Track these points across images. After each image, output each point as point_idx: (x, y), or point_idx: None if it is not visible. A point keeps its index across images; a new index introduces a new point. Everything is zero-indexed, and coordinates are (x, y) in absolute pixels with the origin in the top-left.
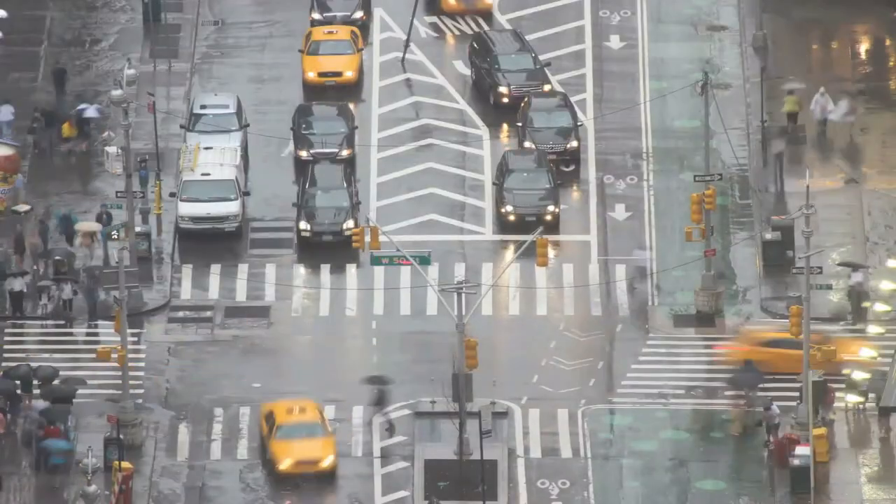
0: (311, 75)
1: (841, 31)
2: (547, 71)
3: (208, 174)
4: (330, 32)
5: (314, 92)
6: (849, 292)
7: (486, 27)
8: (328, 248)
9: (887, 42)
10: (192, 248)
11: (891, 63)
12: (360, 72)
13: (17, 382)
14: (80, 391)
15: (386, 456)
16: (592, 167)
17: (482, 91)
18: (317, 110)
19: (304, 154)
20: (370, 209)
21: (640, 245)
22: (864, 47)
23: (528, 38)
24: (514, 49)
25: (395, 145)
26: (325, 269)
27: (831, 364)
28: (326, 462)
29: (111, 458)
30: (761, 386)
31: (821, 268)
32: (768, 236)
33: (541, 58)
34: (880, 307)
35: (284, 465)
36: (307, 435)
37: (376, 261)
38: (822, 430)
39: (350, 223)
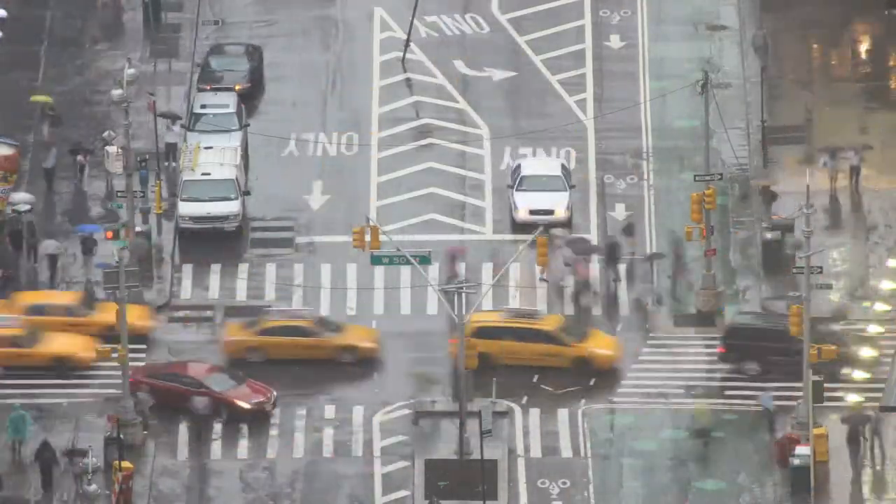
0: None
1: (841, 30)
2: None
3: (208, 174)
4: None
5: None
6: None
7: (485, 26)
8: None
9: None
10: (192, 248)
11: (891, 63)
12: None
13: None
14: (80, 391)
15: (386, 455)
16: (593, 167)
17: None
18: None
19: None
20: (370, 209)
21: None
22: (864, 47)
23: (528, 37)
24: None
25: (395, 145)
26: (326, 268)
27: None
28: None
29: (111, 457)
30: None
31: (821, 268)
32: (768, 236)
33: (540, 57)
34: (880, 307)
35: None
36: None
37: (376, 260)
38: (822, 430)
39: None
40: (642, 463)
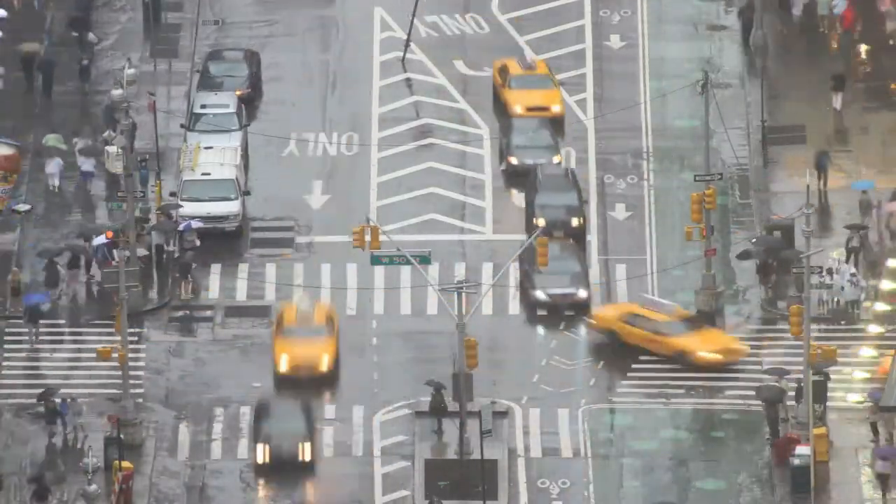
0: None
1: (841, 30)
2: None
3: (208, 174)
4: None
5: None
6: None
7: (485, 26)
8: None
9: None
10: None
11: (891, 63)
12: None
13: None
14: (79, 391)
15: (386, 454)
16: (593, 167)
17: None
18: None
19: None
20: (370, 209)
21: None
22: (864, 47)
23: (528, 37)
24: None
25: (395, 145)
26: (326, 268)
27: None
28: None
29: (111, 457)
30: None
31: (821, 267)
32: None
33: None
34: (880, 307)
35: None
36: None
37: (376, 260)
38: (822, 430)
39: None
40: (642, 463)
